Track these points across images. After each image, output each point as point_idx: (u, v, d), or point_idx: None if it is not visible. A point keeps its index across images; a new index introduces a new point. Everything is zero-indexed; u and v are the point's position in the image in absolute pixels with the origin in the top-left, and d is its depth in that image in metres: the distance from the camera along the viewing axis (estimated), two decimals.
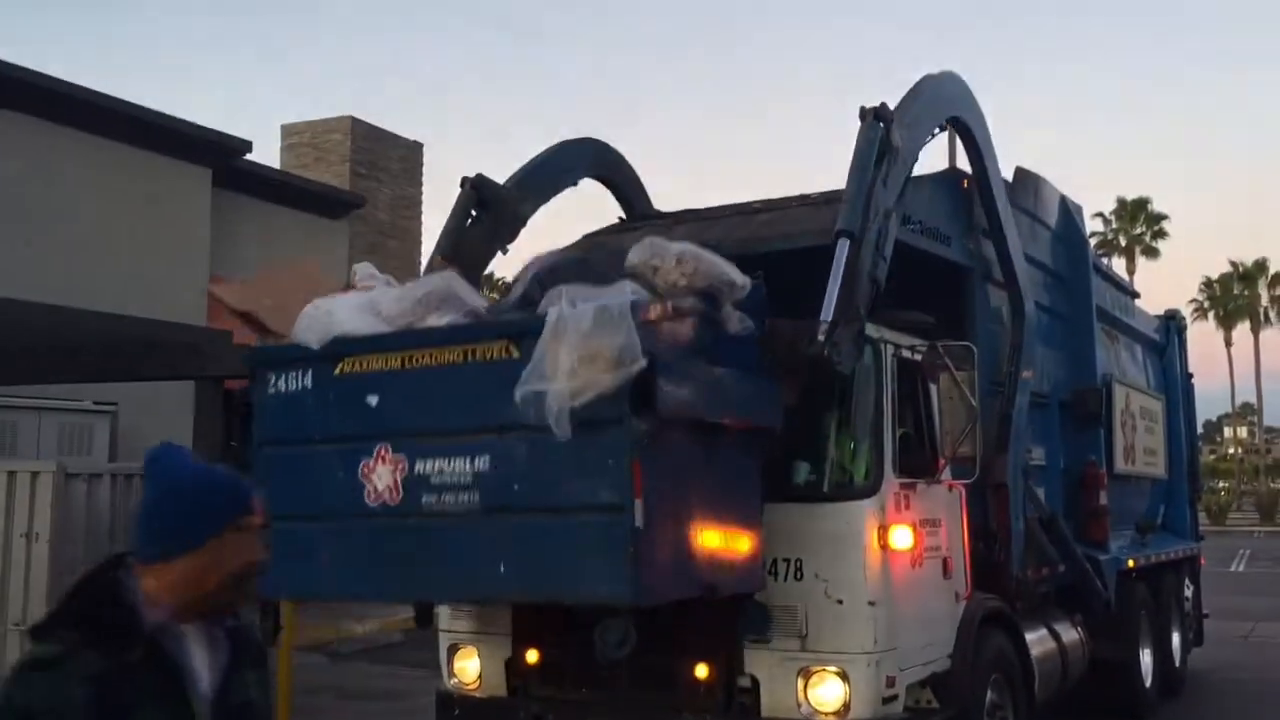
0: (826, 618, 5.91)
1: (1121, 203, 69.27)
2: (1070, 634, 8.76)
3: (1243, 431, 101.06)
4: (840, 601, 5.91)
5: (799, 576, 5.95)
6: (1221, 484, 75.39)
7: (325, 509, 5.59)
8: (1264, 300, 72.97)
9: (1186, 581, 12.63)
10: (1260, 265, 73.04)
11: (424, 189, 21.03)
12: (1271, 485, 73.18)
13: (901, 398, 6.54)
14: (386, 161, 20.12)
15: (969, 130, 8.09)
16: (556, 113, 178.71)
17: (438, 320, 5.66)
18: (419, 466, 5.29)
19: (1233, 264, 74.00)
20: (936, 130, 7.81)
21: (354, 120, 19.50)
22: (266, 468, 5.73)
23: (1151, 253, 68.97)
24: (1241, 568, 27.79)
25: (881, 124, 6.54)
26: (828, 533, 6.05)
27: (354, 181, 19.21)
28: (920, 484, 6.45)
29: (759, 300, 5.85)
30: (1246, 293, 73.09)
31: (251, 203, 17.15)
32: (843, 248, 6.06)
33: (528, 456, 5.08)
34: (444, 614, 7.02)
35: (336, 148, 19.37)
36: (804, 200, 7.52)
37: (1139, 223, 69.17)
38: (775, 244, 7.00)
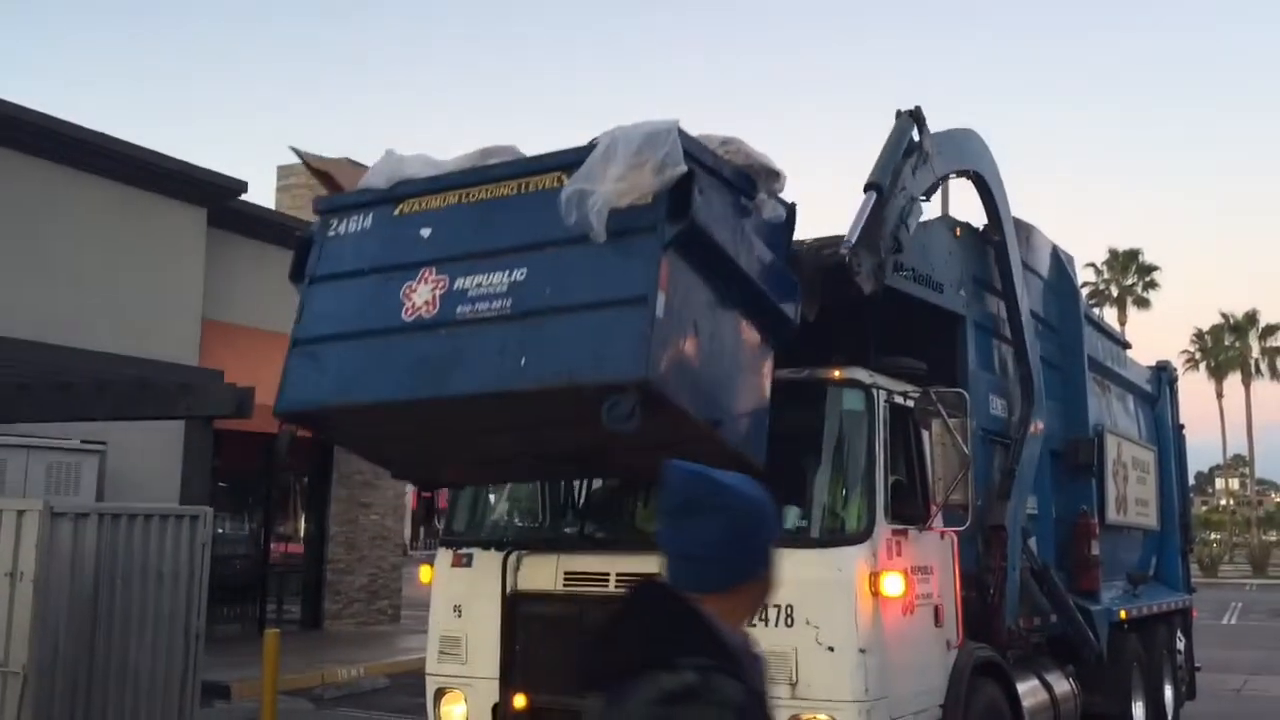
0: (817, 665, 5.86)
1: (1113, 253, 69.75)
2: (1062, 685, 8.69)
3: (1234, 483, 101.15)
4: (831, 649, 5.86)
5: (790, 623, 5.91)
6: (1213, 536, 75.27)
7: (362, 328, 5.78)
8: (1255, 352, 73.25)
9: (1179, 634, 12.57)
10: (1251, 317, 73.41)
11: None
12: (1263, 538, 73.10)
13: (894, 444, 6.54)
14: None
15: (987, 188, 8.42)
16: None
17: None
18: (458, 283, 5.50)
19: (1223, 315, 74.45)
20: (954, 173, 8.07)
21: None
22: (312, 300, 6.08)
23: (1143, 303, 69.34)
24: (1234, 620, 27.68)
25: (915, 124, 7.06)
26: (819, 579, 6.00)
27: None
28: (912, 531, 6.43)
29: (789, 220, 6.16)
30: (1237, 344, 73.38)
31: (246, 242, 17.18)
32: (870, 198, 6.51)
33: (563, 264, 5.31)
34: (431, 657, 6.96)
35: (333, 189, 19.44)
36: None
37: (1130, 273, 69.59)
38: None
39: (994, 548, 7.56)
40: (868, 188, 6.60)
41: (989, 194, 8.54)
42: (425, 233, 5.77)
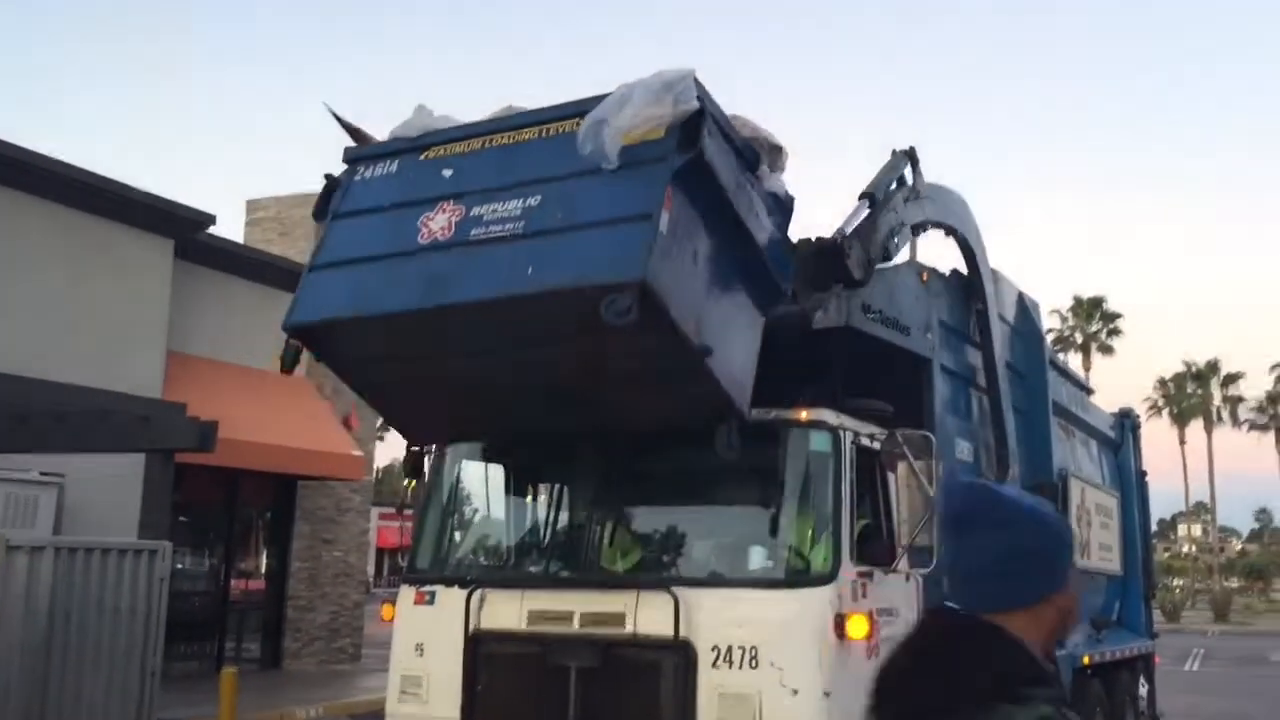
0: (781, 708, 5.82)
1: (1078, 300, 70.49)
2: None
3: (1197, 530, 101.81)
4: (795, 691, 5.83)
5: (754, 664, 5.87)
6: (1176, 582, 75.66)
7: (377, 253, 6.07)
8: (1217, 400, 74.06)
9: (1141, 680, 12.58)
10: (1213, 365, 74.27)
11: None
12: (1225, 585, 73.55)
13: (860, 486, 6.54)
14: None
15: (970, 250, 8.72)
16: None
17: None
18: (474, 210, 5.84)
19: (1186, 364, 75.28)
20: (940, 227, 8.45)
21: None
22: (332, 233, 6.38)
23: (1107, 350, 70.05)
24: (1196, 667, 27.77)
25: (909, 162, 7.67)
26: (784, 620, 5.99)
27: None
28: (878, 573, 6.42)
29: (788, 203, 6.54)
30: (1199, 392, 74.16)
31: (213, 275, 17.07)
32: (864, 204, 7.05)
33: (576, 191, 5.68)
34: (391, 697, 6.87)
35: (302, 223, 19.36)
36: None
37: (1095, 320, 70.33)
38: None
39: None
40: (862, 196, 7.14)
41: (971, 256, 8.85)
42: (447, 173, 6.14)
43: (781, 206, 6.50)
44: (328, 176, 6.63)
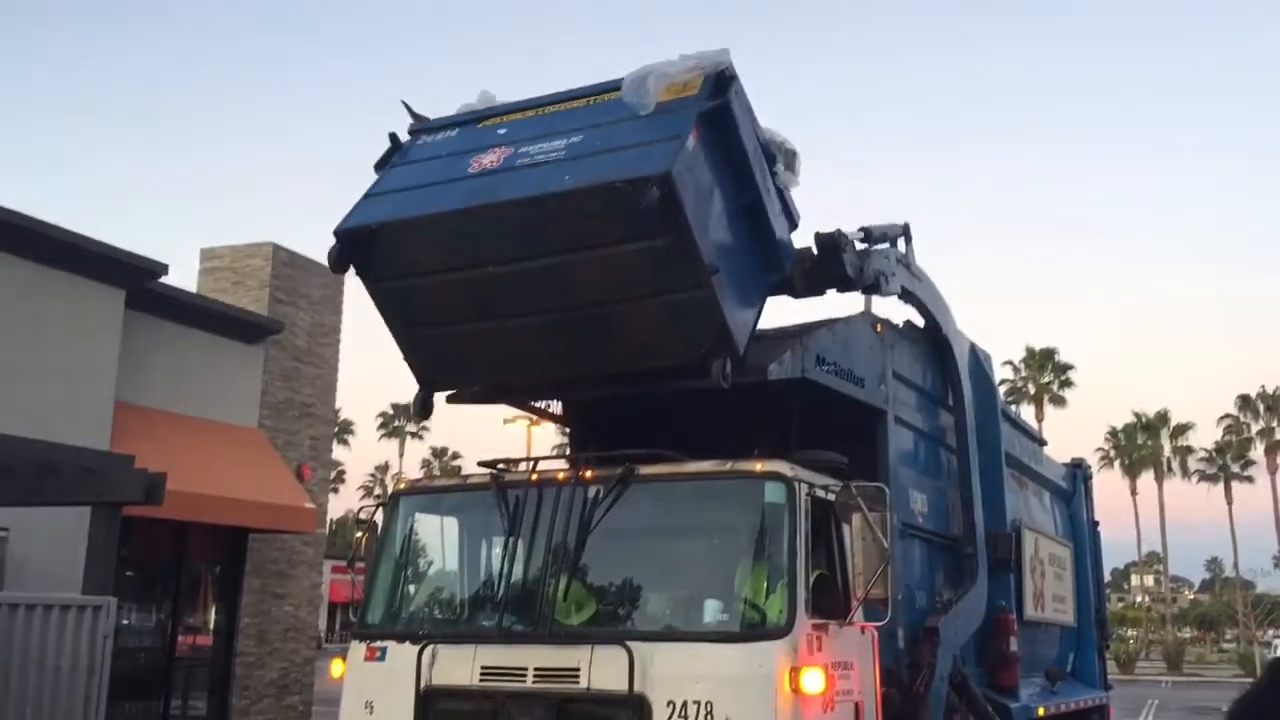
0: None
1: (1030, 351, 71.40)
2: None
3: (1150, 580, 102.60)
4: None
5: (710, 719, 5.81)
6: (1130, 632, 76.11)
7: (430, 181, 6.90)
8: (1167, 451, 74.99)
9: None
10: (1162, 416, 75.30)
11: (344, 317, 20.93)
12: (1178, 635, 74.08)
13: (815, 538, 6.53)
14: (308, 289, 20.00)
15: (948, 346, 9.22)
16: None
17: None
18: (522, 149, 6.67)
19: (1136, 415, 76.25)
20: (916, 301, 8.94)
21: (275, 246, 19.41)
22: (389, 175, 7.22)
23: (1059, 401, 70.85)
24: (1150, 718, 27.87)
25: (904, 234, 8.64)
26: (739, 675, 5.93)
27: (273, 307, 19.03)
28: (833, 625, 6.39)
29: (795, 217, 7.35)
30: (1150, 443, 75.08)
31: (164, 325, 16.85)
32: (860, 234, 7.90)
33: (614, 129, 6.49)
34: None
35: (256, 273, 19.21)
36: None
37: (1047, 371, 71.20)
38: (691, 382, 7.04)
39: (924, 647, 7.57)
40: (860, 229, 7.86)
41: (949, 351, 9.42)
42: (502, 131, 7.04)
43: (788, 211, 7.31)
44: (392, 135, 7.50)
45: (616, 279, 6.49)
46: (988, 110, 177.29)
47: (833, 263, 7.37)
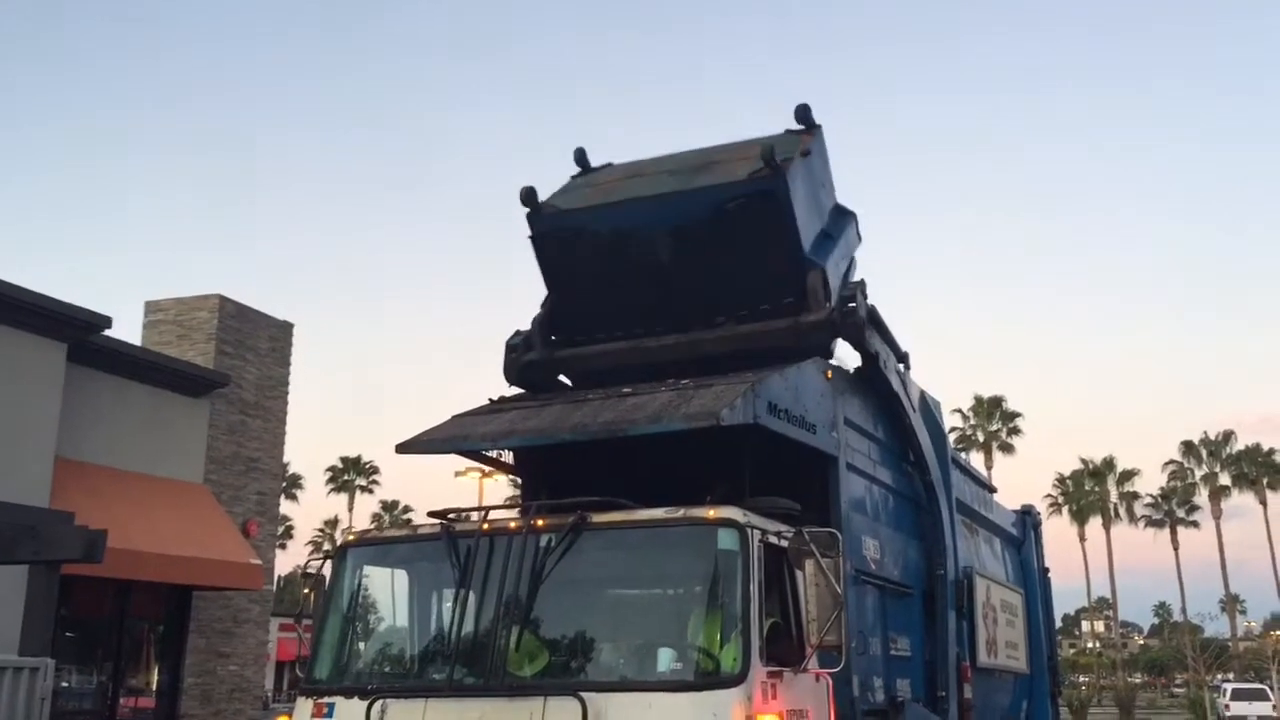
0: None
1: (978, 400, 72.24)
2: None
3: (1100, 625, 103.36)
4: None
5: None
6: (1081, 679, 76.45)
7: None
8: (1114, 497, 75.91)
9: None
10: (1109, 463, 76.33)
11: (292, 369, 20.72)
12: (1129, 680, 74.49)
13: (769, 584, 6.49)
14: (255, 341, 19.81)
15: (884, 378, 9.39)
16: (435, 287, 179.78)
17: None
18: None
19: (1083, 461, 77.22)
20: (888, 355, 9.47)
21: (222, 298, 19.23)
22: None
23: (1007, 449, 71.64)
24: None
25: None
26: None
27: (219, 360, 18.83)
28: (787, 673, 6.34)
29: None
30: (1097, 489, 75.99)
31: (107, 379, 16.60)
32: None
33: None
34: None
35: (203, 325, 19.01)
36: (673, 385, 7.63)
37: (995, 419, 71.99)
38: (642, 427, 7.02)
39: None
40: (859, 282, 9.08)
41: (899, 399, 9.71)
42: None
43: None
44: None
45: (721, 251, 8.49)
46: (930, 155, 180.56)
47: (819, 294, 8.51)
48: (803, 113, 9.30)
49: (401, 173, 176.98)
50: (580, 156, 9.92)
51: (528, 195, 8.87)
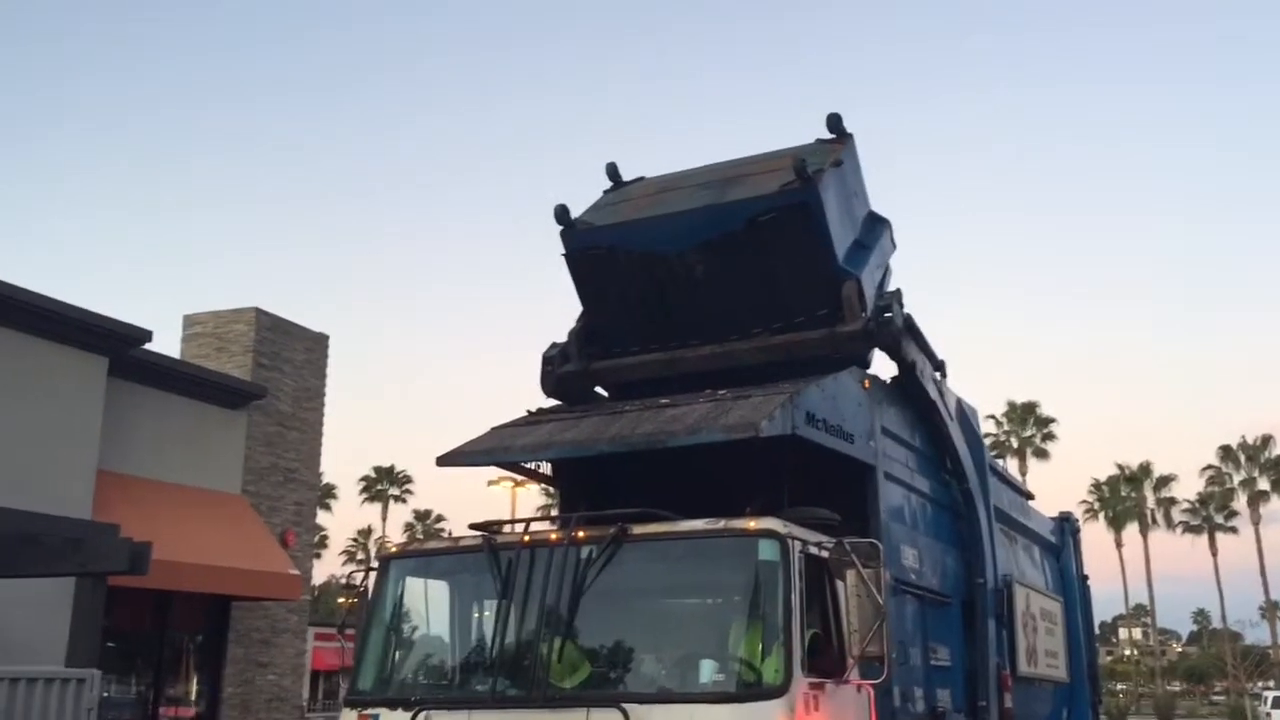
0: None
1: (1012, 405, 71.63)
2: None
3: (1137, 633, 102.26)
4: None
5: None
6: (1120, 686, 75.67)
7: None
8: (1150, 502, 75.08)
9: None
10: (1145, 469, 75.45)
11: (327, 380, 20.88)
12: (1168, 688, 73.65)
13: (810, 595, 6.48)
14: (291, 353, 19.98)
15: (921, 386, 9.42)
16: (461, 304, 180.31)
17: None
18: None
19: (1119, 467, 76.42)
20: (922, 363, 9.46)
21: (259, 311, 19.41)
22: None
23: (1042, 455, 70.99)
24: None
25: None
26: None
27: (256, 372, 19.00)
28: (829, 684, 6.34)
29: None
30: (1133, 495, 75.17)
31: (147, 391, 16.78)
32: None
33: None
34: None
35: (240, 338, 19.19)
36: (711, 396, 7.65)
37: (1029, 425, 71.38)
38: (680, 439, 7.05)
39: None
40: (895, 291, 9.08)
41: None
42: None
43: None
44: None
45: (754, 266, 8.64)
46: (963, 157, 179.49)
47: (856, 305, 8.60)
48: (834, 121, 9.30)
49: (435, 180, 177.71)
50: (613, 171, 9.96)
51: (561, 213, 8.92)
